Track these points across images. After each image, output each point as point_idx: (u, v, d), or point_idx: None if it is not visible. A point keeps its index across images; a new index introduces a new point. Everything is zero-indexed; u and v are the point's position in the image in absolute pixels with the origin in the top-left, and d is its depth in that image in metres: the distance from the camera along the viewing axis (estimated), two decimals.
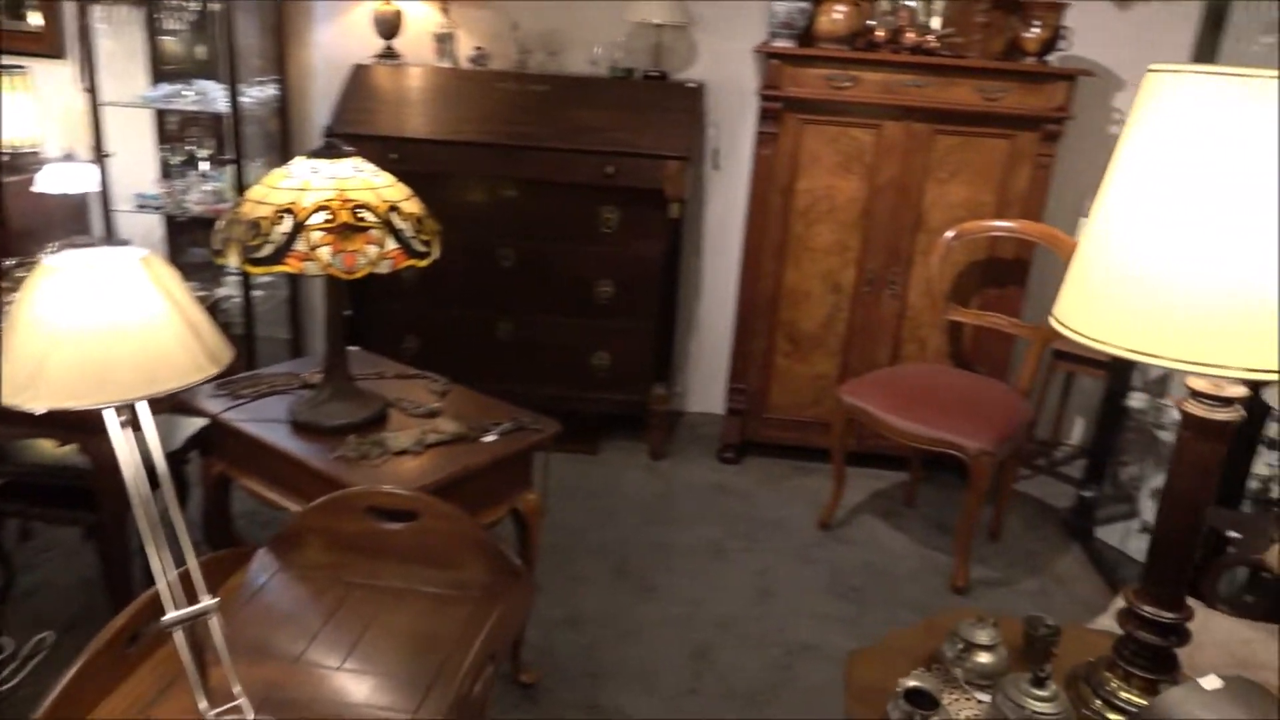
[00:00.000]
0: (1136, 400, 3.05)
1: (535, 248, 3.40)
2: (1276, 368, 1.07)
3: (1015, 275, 3.30)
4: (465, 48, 3.60)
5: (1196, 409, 1.21)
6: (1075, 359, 3.37)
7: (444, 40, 3.54)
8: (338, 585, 1.63)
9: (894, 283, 3.35)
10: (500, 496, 2.10)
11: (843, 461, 3.09)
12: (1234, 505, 2.40)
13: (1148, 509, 3.08)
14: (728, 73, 3.60)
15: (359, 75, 3.48)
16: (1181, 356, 1.10)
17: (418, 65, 3.55)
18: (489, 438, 2.05)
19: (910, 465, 3.33)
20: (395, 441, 1.98)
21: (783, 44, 3.17)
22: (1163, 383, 3.22)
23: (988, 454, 2.68)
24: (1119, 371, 3.09)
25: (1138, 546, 3.02)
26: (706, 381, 4.00)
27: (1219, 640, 1.87)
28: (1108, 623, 1.70)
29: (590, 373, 3.51)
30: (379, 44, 3.56)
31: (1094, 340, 1.17)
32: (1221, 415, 1.20)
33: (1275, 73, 1.05)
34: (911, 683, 1.30)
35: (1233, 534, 2.21)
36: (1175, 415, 2.83)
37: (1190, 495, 1.24)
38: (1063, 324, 1.25)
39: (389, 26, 3.52)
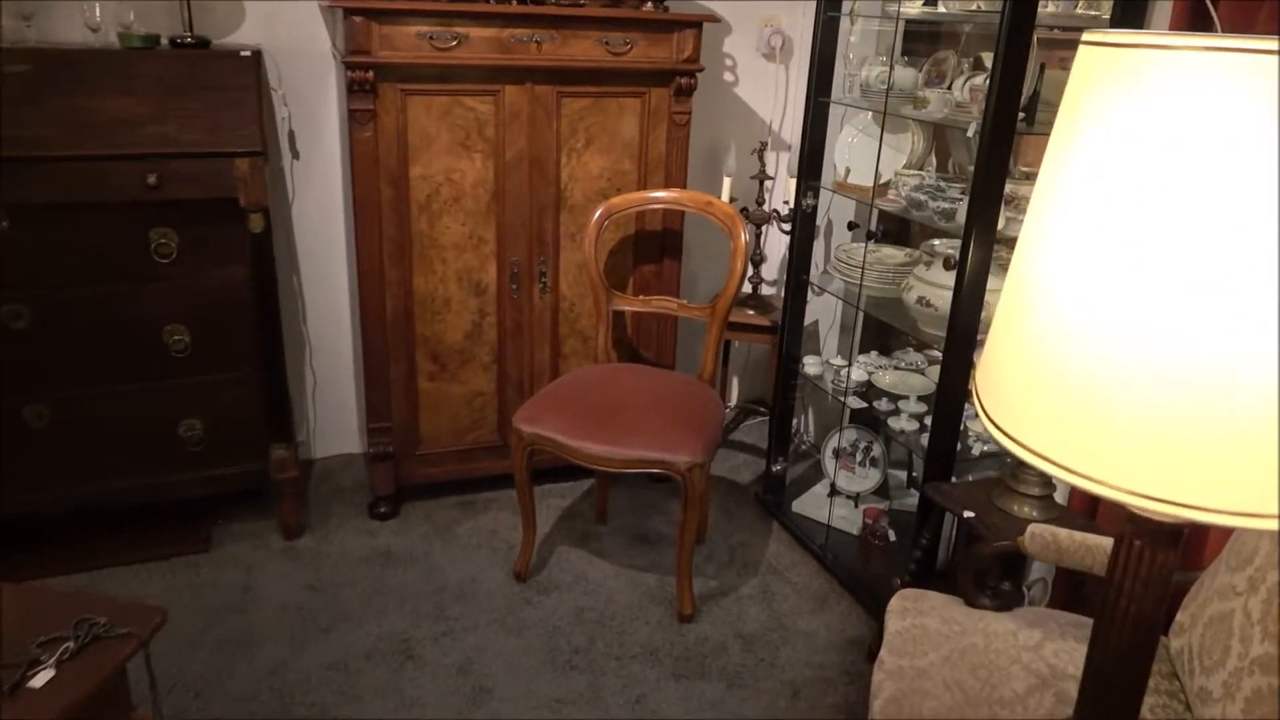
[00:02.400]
0: (811, 366, 2.91)
1: (60, 297, 2.42)
2: None
3: (669, 248, 2.99)
4: None
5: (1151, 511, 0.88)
6: (736, 327, 3.17)
7: None
8: None
9: (544, 274, 2.88)
10: None
11: (531, 501, 2.60)
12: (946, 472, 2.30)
13: (830, 468, 2.99)
14: (292, 34, 2.82)
15: None
16: (1183, 498, 0.73)
17: None
18: (40, 677, 1.25)
19: (596, 474, 2.94)
20: None
21: None
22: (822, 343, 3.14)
23: (699, 465, 2.35)
24: (791, 338, 2.92)
25: (838, 515, 2.92)
26: (337, 417, 3.27)
27: (1008, 651, 1.69)
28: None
29: (180, 448, 2.63)
30: None
31: (1053, 464, 0.78)
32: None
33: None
34: None
35: (969, 515, 2.08)
36: (853, 378, 2.82)
37: (1141, 618, 0.92)
38: (996, 426, 0.84)
39: None
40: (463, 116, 2.65)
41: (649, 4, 2.76)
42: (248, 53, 2.56)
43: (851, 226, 2.65)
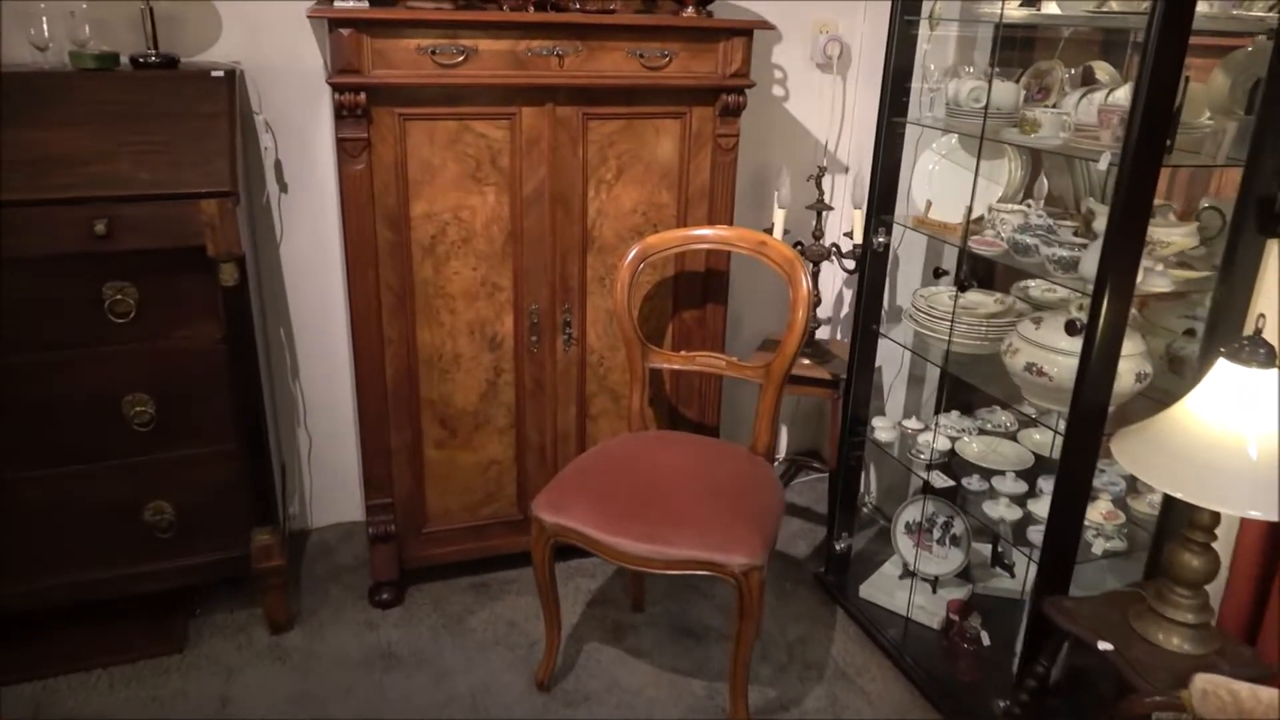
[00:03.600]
0: (882, 431, 2.48)
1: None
2: None
3: (713, 292, 2.58)
4: None
5: None
6: (790, 379, 2.74)
7: None
8: None
9: (568, 324, 2.47)
10: None
11: (554, 596, 2.19)
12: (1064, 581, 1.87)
13: (904, 546, 2.57)
14: (278, 49, 2.43)
15: None
16: None
17: None
18: None
19: None
20: None
21: (353, 2, 2.10)
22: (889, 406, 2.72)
23: (757, 568, 1.93)
24: (858, 398, 2.50)
25: (915, 603, 2.49)
26: (336, 482, 2.88)
27: None
28: None
29: (146, 535, 2.25)
30: None
31: None
32: None
33: None
34: None
35: (1106, 648, 1.65)
36: (927, 439, 2.38)
37: None
38: None
39: None
40: (472, 144, 2.26)
41: (689, 9, 2.35)
42: (220, 73, 2.18)
43: (939, 274, 2.23)
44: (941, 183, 2.25)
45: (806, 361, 2.74)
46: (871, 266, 2.37)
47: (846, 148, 3.03)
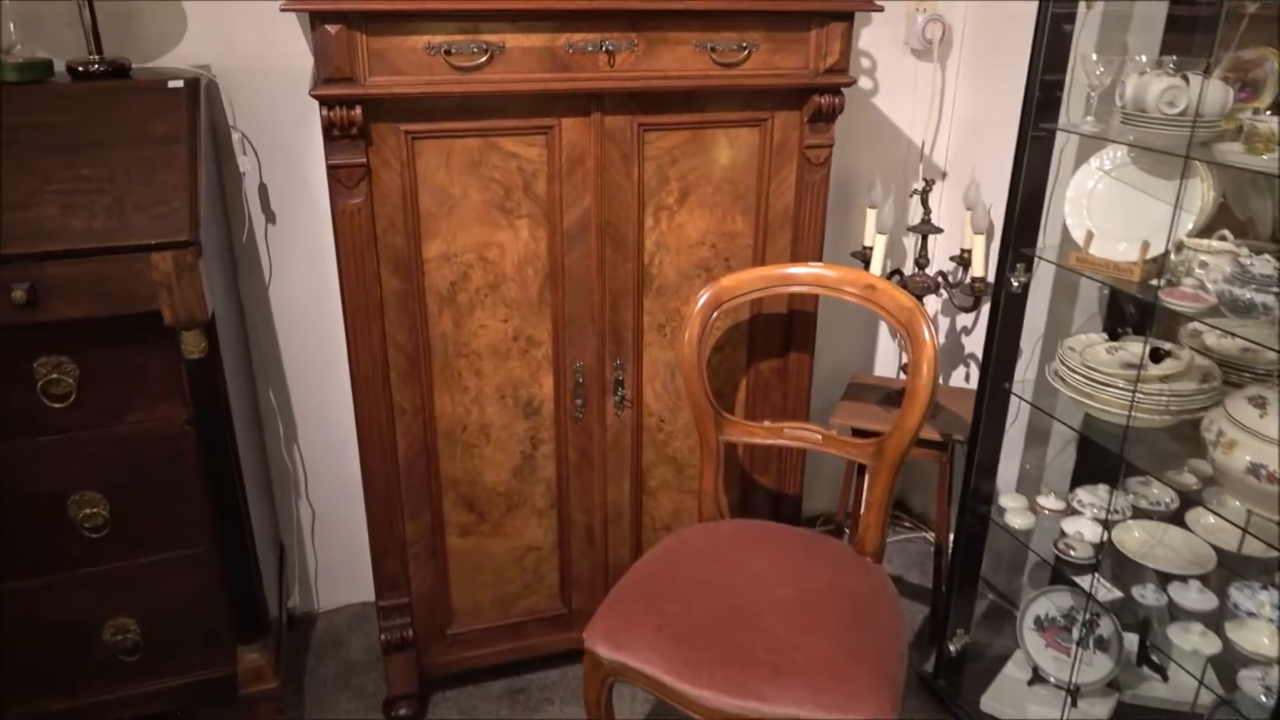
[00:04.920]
0: (1016, 516, 1.99)
1: None
2: None
3: (798, 338, 2.09)
4: None
5: None
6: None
7: None
8: None
9: (620, 383, 2.00)
10: None
11: None
12: None
13: (1033, 645, 2.09)
14: (258, 46, 1.97)
15: None
16: None
17: None
18: None
19: None
20: None
21: None
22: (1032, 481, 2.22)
23: None
24: (982, 472, 2.01)
25: (1041, 712, 2.02)
26: (346, 558, 2.44)
27: None
28: None
29: (107, 658, 1.82)
30: None
31: None
32: None
33: None
34: None
35: None
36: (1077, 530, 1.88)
37: None
38: None
39: None
40: (500, 167, 1.78)
41: None
42: (178, 83, 1.71)
43: (1158, 356, 1.64)
44: (1107, 208, 1.74)
45: None
46: (1006, 311, 1.87)
47: (950, 152, 2.52)
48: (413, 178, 1.74)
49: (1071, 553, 1.85)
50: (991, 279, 2.09)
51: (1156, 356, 1.59)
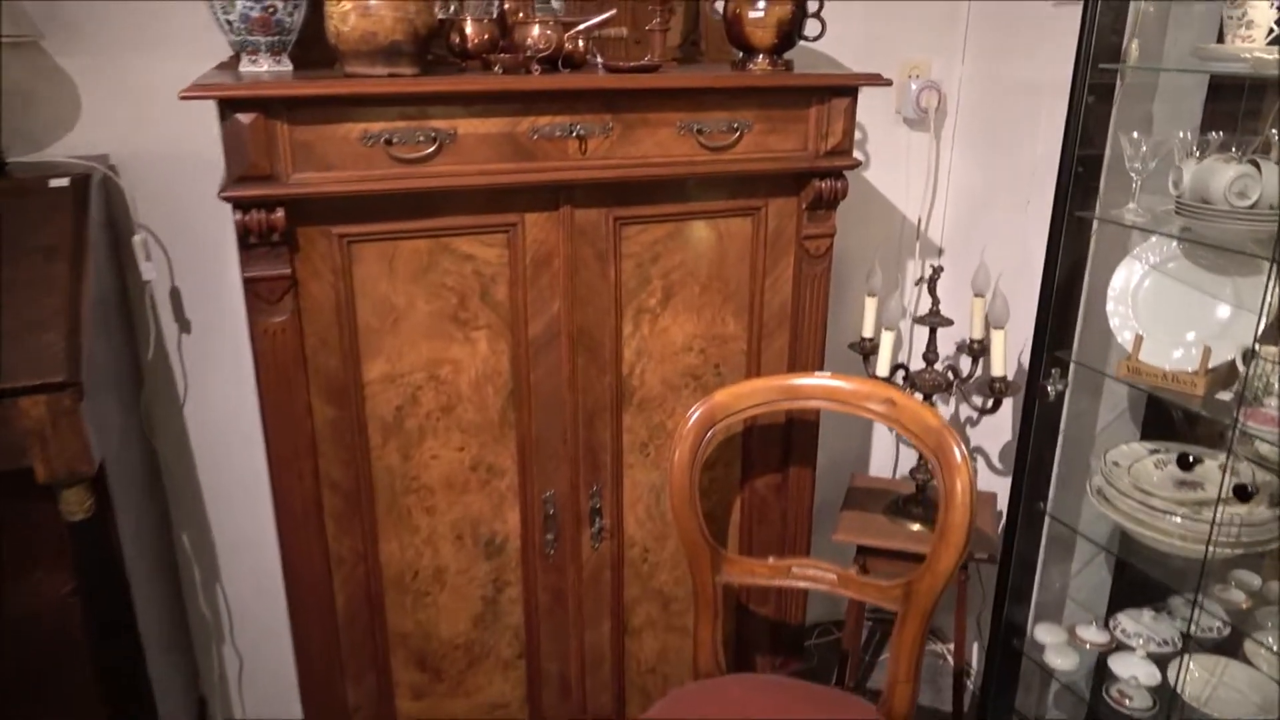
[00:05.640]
0: (1059, 656, 1.73)
1: None
2: None
3: (799, 451, 1.84)
4: None
5: None
6: (892, 555, 2.00)
7: None
8: None
9: (598, 512, 1.72)
10: None
11: None
12: None
13: None
14: (168, 130, 1.68)
15: None
16: None
17: None
18: None
19: None
20: None
21: (259, 70, 1.37)
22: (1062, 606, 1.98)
23: None
24: (1015, 602, 1.75)
25: None
26: (278, 708, 2.10)
27: None
28: None
29: None
30: None
31: None
32: None
33: None
34: None
35: None
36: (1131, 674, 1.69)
37: None
38: None
39: None
40: (453, 271, 1.51)
41: (760, 60, 1.62)
42: (63, 181, 1.42)
43: (1245, 494, 1.41)
44: (1156, 307, 1.51)
45: (917, 527, 2.00)
46: (1040, 422, 1.63)
47: (941, 226, 2.31)
48: (349, 288, 1.46)
49: (1128, 702, 1.60)
50: (1011, 373, 1.86)
51: (1244, 495, 1.36)
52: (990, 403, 1.87)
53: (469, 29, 1.49)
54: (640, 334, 1.66)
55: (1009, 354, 1.85)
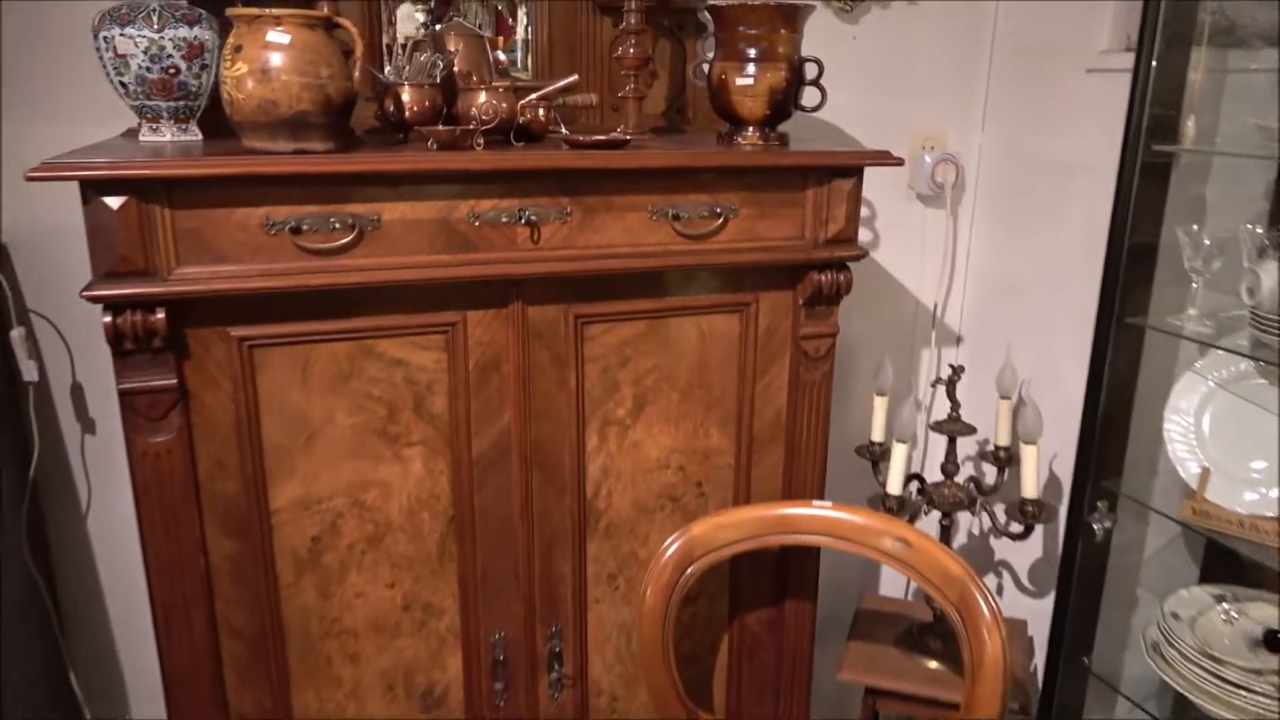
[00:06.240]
0: None
1: None
2: None
3: (798, 584, 1.57)
4: None
5: None
6: (908, 698, 1.72)
7: None
8: None
9: (557, 656, 1.45)
10: None
11: None
12: None
13: None
14: (66, 210, 1.45)
15: None
16: None
17: None
18: None
19: None
20: None
21: (161, 139, 1.15)
22: None
23: None
24: None
25: None
26: None
27: None
28: None
29: None
30: None
31: None
32: None
33: None
34: None
35: None
36: None
37: None
38: None
39: None
40: (380, 379, 1.27)
41: (750, 132, 1.39)
42: None
43: (1275, 642, 1.19)
44: (1224, 435, 1.26)
45: (934, 664, 1.72)
46: (1085, 564, 1.36)
47: (959, 314, 2.07)
48: (252, 400, 1.22)
49: None
50: (1040, 492, 1.60)
51: None
52: (1022, 529, 1.60)
53: (406, 96, 1.27)
54: (607, 449, 1.41)
55: (1040, 469, 1.59)
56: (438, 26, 1.45)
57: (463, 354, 1.29)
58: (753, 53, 1.36)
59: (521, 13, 1.56)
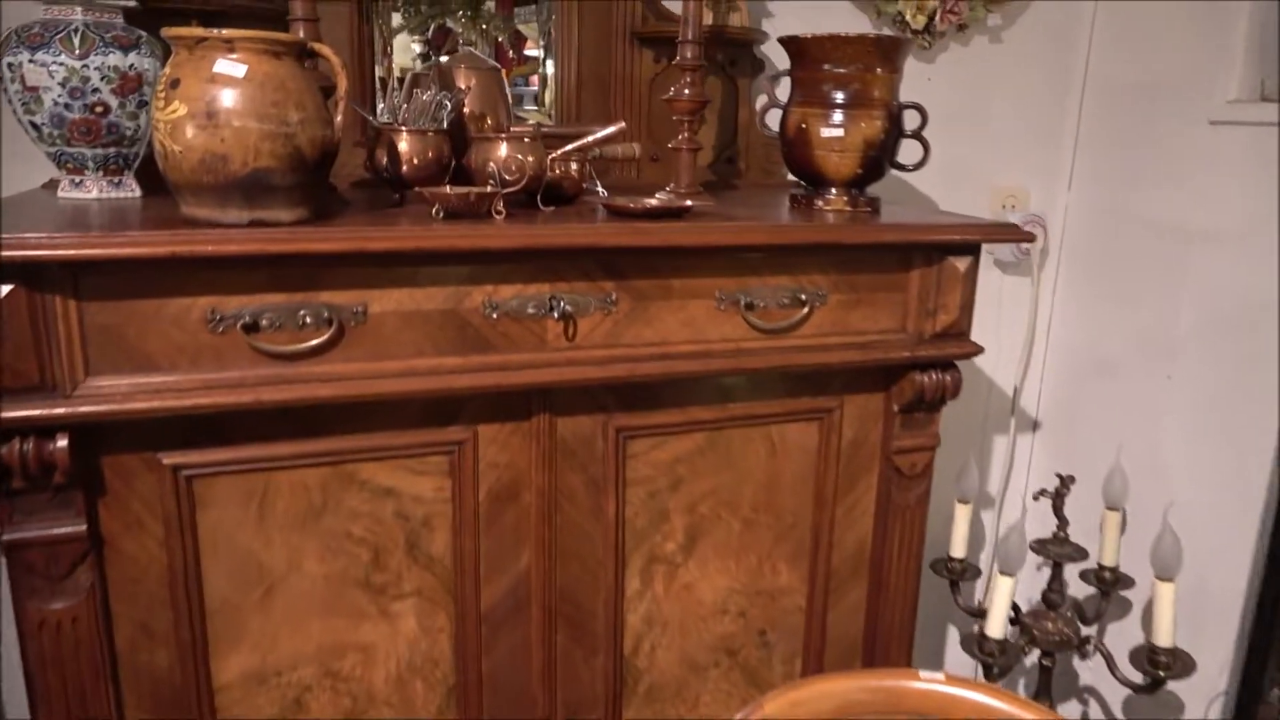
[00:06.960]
0: None
1: None
2: None
3: None
4: None
5: None
6: None
7: None
8: None
9: None
10: None
11: None
12: None
13: None
14: None
15: None
16: None
17: None
18: None
19: None
20: None
21: (86, 196, 0.85)
22: None
23: None
24: None
25: None
26: None
27: None
28: None
29: None
30: None
31: None
32: None
33: None
34: None
35: None
36: None
37: None
38: None
39: None
40: (363, 515, 0.96)
41: (834, 195, 1.11)
42: None
43: None
44: None
45: None
46: None
47: (1036, 396, 1.78)
48: (190, 545, 0.91)
49: None
50: (1172, 636, 1.30)
51: None
52: (1149, 681, 1.30)
53: (404, 145, 0.98)
54: (652, 593, 1.11)
55: (1169, 605, 1.30)
56: (444, 59, 1.17)
57: (471, 480, 0.99)
58: (841, 97, 1.08)
59: (542, 44, 1.28)
